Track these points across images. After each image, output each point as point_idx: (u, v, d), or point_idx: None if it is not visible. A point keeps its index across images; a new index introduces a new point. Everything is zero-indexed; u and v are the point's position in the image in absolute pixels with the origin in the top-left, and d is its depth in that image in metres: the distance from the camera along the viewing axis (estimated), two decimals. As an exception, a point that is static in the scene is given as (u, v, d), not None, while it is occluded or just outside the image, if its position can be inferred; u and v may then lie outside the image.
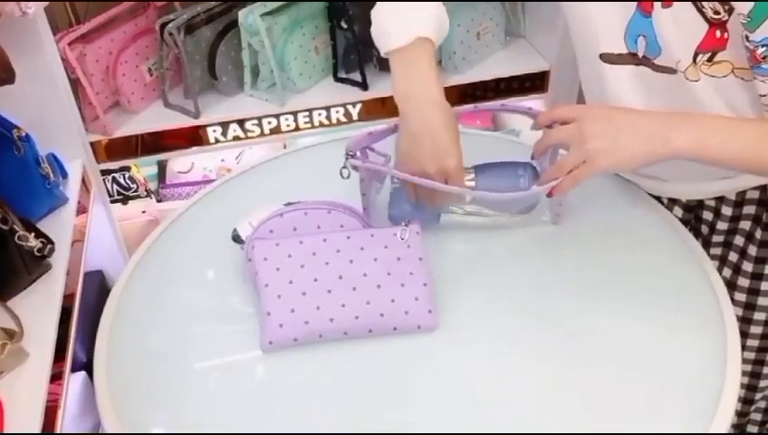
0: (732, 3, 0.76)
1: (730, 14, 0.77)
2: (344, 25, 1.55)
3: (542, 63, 1.67)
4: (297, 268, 0.87)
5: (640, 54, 0.87)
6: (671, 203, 1.06)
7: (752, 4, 0.73)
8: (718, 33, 0.79)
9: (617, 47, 0.89)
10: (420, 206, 0.97)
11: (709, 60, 0.82)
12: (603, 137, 0.80)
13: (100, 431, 1.33)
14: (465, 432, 0.77)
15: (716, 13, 0.78)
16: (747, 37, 0.76)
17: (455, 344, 0.86)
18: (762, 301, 1.01)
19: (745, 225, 0.99)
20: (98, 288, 1.53)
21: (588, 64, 0.96)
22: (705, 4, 0.78)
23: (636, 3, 0.84)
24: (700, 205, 1.03)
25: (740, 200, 0.98)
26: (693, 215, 1.05)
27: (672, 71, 0.86)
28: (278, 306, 0.85)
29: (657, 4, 0.82)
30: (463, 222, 1.03)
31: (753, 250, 0.98)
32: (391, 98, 1.60)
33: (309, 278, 0.87)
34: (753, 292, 1.01)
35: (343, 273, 0.87)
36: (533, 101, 1.72)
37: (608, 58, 0.91)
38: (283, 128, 1.57)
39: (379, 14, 0.93)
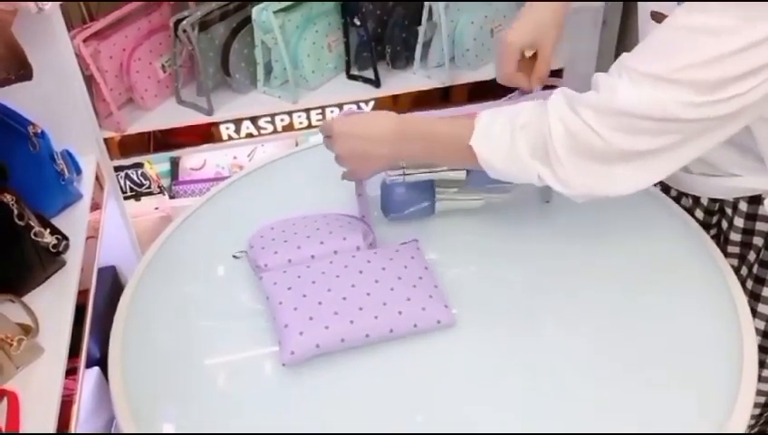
0: None
1: None
2: (357, 23, 1.55)
3: (555, 62, 1.65)
4: (309, 284, 0.88)
5: None
6: (693, 205, 1.05)
7: None
8: None
9: (666, 8, 0.87)
10: (413, 197, 0.99)
11: None
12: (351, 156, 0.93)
13: (113, 427, 1.34)
14: (475, 433, 0.77)
15: None
16: None
17: (467, 340, 0.86)
18: None
19: (758, 241, 0.97)
20: (111, 284, 1.53)
21: (641, 24, 0.96)
22: None
23: None
24: (721, 209, 1.02)
25: (753, 213, 0.96)
26: (714, 218, 1.04)
27: None
28: (296, 317, 0.85)
29: None
30: (460, 212, 1.03)
31: None
32: (403, 95, 1.62)
33: (322, 290, 0.87)
34: None
35: (355, 282, 0.88)
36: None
37: (656, 17, 0.90)
38: (296, 125, 1.57)
39: None
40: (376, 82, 1.59)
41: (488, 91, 1.61)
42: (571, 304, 0.90)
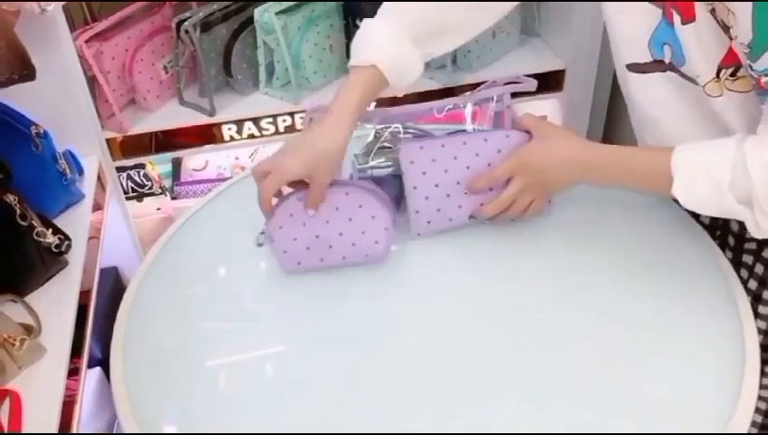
0: (730, 33, 0.75)
1: None
2: (359, 23, 1.54)
3: (557, 62, 1.66)
4: (441, 172, 0.94)
5: (667, 61, 0.87)
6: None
7: (751, 35, 0.72)
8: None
9: (641, 56, 0.89)
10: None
11: (732, 75, 0.81)
12: (533, 191, 0.95)
13: (115, 427, 1.34)
14: (476, 432, 0.77)
15: (727, 27, 0.77)
16: (750, 66, 0.76)
17: (466, 340, 0.86)
18: None
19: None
20: (113, 285, 1.54)
21: (619, 72, 0.96)
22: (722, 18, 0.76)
23: (661, 12, 0.83)
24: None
25: None
26: (721, 221, 1.03)
27: (695, 82, 0.85)
28: (426, 207, 0.95)
29: (678, 19, 0.81)
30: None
31: None
32: (405, 96, 1.62)
33: (452, 181, 0.94)
34: None
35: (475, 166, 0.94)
36: (549, 100, 1.72)
37: (633, 68, 0.91)
38: (298, 126, 1.57)
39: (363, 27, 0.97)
40: (378, 84, 1.59)
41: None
42: (571, 305, 0.90)
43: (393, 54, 0.94)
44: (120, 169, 1.62)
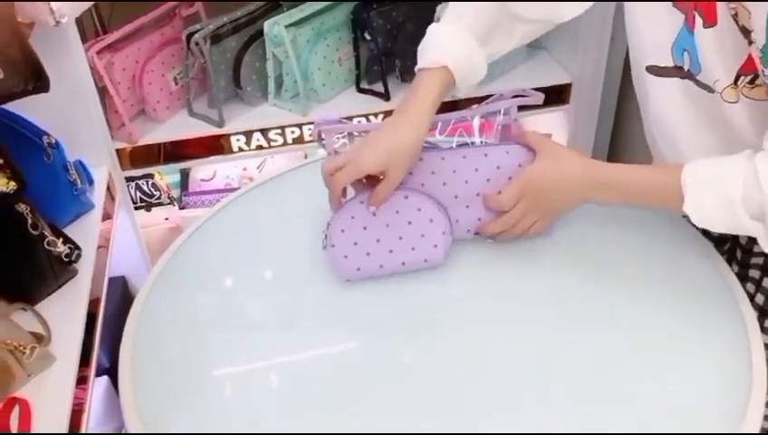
0: (751, 36, 0.76)
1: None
2: (367, 37, 1.56)
3: (563, 76, 1.67)
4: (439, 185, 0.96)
5: (686, 68, 0.87)
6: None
7: (765, 39, 0.73)
8: None
9: (663, 60, 0.89)
10: None
11: (751, 82, 0.81)
12: (537, 212, 0.95)
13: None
14: (475, 433, 0.78)
15: (748, 31, 0.77)
16: (764, 72, 0.76)
17: (469, 339, 0.87)
18: None
19: None
20: (120, 294, 1.54)
21: (636, 75, 0.97)
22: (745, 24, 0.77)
23: (683, 17, 0.83)
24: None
25: None
26: (730, 235, 1.03)
27: (711, 90, 0.85)
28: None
29: (699, 23, 0.81)
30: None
31: None
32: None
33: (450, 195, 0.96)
34: None
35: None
36: (556, 114, 1.73)
37: (653, 70, 0.92)
38: (306, 137, 1.58)
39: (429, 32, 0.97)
40: (386, 96, 1.60)
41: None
42: (574, 311, 0.91)
43: (462, 55, 0.94)
44: (128, 179, 1.63)
